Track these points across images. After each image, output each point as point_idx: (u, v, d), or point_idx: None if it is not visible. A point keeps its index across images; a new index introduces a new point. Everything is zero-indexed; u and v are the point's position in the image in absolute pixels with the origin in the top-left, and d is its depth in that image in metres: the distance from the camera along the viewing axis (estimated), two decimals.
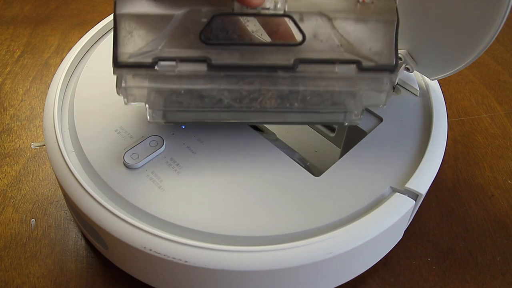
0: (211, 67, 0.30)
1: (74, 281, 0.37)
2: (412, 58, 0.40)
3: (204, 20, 0.30)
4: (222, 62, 0.31)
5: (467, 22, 0.34)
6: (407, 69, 0.41)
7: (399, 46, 0.40)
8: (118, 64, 0.30)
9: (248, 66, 0.31)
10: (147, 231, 0.30)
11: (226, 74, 0.31)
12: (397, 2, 0.32)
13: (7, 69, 0.57)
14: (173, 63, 0.30)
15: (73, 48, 0.43)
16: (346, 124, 0.35)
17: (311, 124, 0.38)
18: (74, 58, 0.42)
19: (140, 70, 0.30)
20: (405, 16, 0.38)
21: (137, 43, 0.30)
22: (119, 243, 0.31)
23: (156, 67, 0.30)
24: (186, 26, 0.31)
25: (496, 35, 0.33)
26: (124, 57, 0.30)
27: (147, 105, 0.33)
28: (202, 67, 0.30)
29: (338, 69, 0.31)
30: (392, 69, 0.32)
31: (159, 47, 0.30)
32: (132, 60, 0.30)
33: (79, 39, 0.44)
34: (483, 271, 0.39)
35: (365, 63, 0.31)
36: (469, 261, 0.40)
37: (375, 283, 0.38)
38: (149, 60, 0.30)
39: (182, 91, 0.32)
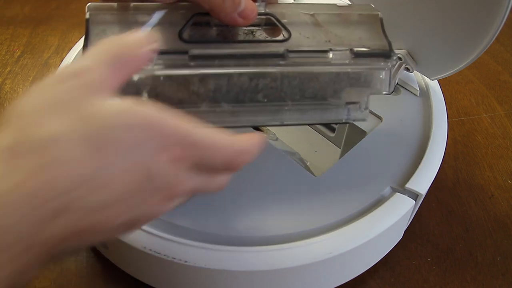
0: (193, 57, 0.28)
1: (74, 281, 0.37)
2: (412, 58, 0.40)
3: (183, 21, 0.29)
4: (204, 52, 0.28)
5: (467, 22, 0.34)
6: (407, 69, 0.41)
7: (399, 46, 0.40)
8: None
9: (234, 54, 0.28)
10: (147, 231, 0.30)
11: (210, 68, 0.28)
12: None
13: (7, 69, 0.57)
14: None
15: (73, 48, 0.43)
16: (352, 121, 0.33)
17: (310, 124, 0.36)
18: (74, 58, 0.42)
19: None
20: (405, 16, 0.38)
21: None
22: (119, 243, 0.31)
23: None
24: (164, 25, 0.29)
25: (496, 35, 0.33)
26: None
27: None
28: (183, 58, 0.28)
29: (332, 55, 0.30)
30: (388, 54, 0.31)
31: None
32: None
33: (79, 39, 0.44)
34: (483, 271, 0.39)
35: (359, 49, 0.30)
36: (469, 261, 0.40)
37: (375, 283, 0.38)
38: None
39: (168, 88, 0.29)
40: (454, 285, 0.38)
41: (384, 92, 0.32)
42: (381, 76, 0.31)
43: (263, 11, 0.30)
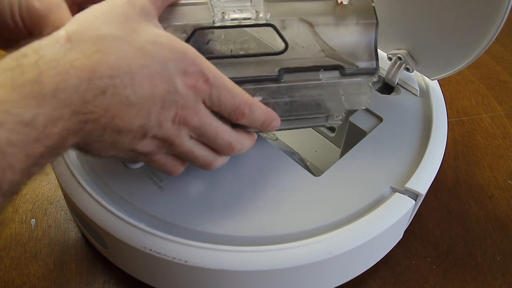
0: None
1: (74, 281, 0.37)
2: (412, 58, 0.40)
3: (184, 35, 0.29)
4: None
5: (467, 22, 0.34)
6: (407, 69, 0.41)
7: (399, 46, 0.40)
8: None
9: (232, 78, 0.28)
10: (147, 231, 0.30)
11: None
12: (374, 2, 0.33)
13: None
14: None
15: None
16: (328, 125, 0.36)
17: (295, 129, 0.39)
18: None
19: None
20: (405, 16, 0.38)
21: None
22: (119, 243, 0.31)
23: None
24: None
25: (496, 35, 0.33)
26: None
27: None
28: None
29: (322, 75, 0.32)
30: (373, 72, 0.32)
31: None
32: None
33: None
34: (483, 271, 0.39)
35: (348, 68, 0.32)
36: (469, 261, 0.40)
37: (375, 283, 0.38)
38: None
39: None
40: (454, 285, 0.38)
41: (362, 107, 0.35)
42: (361, 97, 0.34)
43: (263, 22, 0.30)
